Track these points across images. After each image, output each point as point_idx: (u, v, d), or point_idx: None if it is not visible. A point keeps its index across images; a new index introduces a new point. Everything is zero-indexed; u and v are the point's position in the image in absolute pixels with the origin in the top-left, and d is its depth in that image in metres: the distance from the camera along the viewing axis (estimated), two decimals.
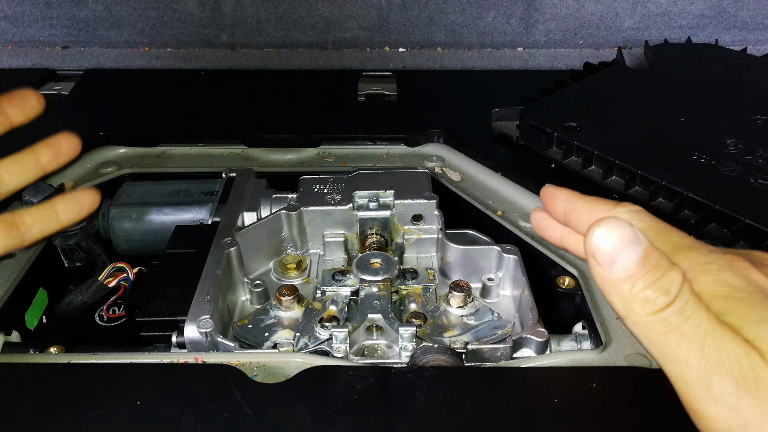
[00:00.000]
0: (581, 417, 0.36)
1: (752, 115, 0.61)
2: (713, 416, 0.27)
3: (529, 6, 0.86)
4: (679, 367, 0.27)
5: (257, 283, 0.49)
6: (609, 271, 0.28)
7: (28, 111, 0.48)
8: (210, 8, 0.86)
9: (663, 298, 0.27)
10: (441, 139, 0.66)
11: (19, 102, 0.48)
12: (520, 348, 0.44)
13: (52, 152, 0.48)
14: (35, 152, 0.48)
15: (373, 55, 0.89)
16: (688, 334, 0.27)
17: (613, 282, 0.28)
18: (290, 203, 0.54)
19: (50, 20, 0.87)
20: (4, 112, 0.47)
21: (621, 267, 0.28)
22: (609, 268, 0.28)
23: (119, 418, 0.36)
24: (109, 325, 0.52)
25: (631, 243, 0.27)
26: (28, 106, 0.48)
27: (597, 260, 0.28)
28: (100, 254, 0.55)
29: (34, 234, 0.47)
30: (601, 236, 0.28)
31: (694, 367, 0.27)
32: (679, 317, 0.27)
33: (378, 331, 0.45)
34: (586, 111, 0.63)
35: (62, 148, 0.49)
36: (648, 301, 0.27)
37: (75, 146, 0.50)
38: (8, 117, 0.47)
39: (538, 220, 0.40)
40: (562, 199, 0.36)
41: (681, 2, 0.87)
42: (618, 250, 0.27)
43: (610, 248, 0.27)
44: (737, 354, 0.27)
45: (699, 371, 0.27)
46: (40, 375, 0.40)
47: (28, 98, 0.48)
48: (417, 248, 0.54)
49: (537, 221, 0.40)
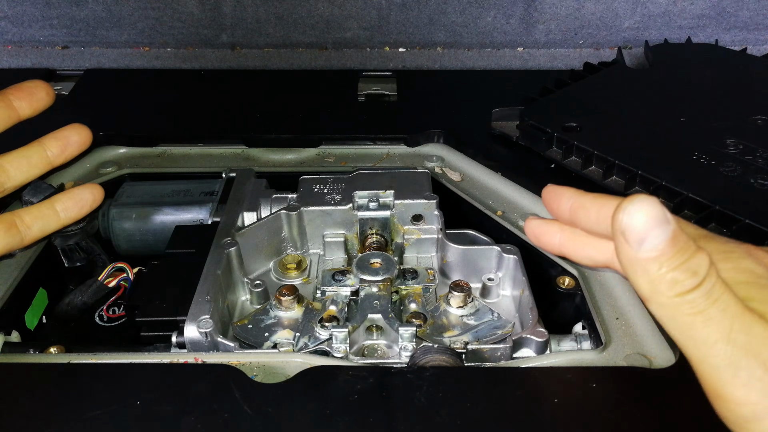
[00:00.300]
0: (581, 417, 0.36)
1: (752, 115, 0.61)
2: (740, 400, 0.27)
3: (529, 6, 0.86)
4: (705, 351, 0.27)
5: (257, 283, 0.49)
6: (638, 249, 0.27)
7: (37, 103, 0.47)
8: (210, 8, 0.86)
9: (691, 279, 0.27)
10: (441, 139, 0.66)
11: (28, 94, 0.47)
12: (520, 348, 0.44)
13: (60, 145, 0.47)
14: (42, 145, 0.47)
15: (373, 55, 0.89)
16: (716, 317, 0.27)
17: (641, 261, 0.28)
18: (290, 203, 0.54)
19: (50, 20, 0.87)
20: (11, 104, 0.46)
21: (650, 246, 0.27)
22: (638, 246, 0.27)
23: (119, 418, 0.36)
24: (109, 325, 0.52)
25: (661, 222, 0.27)
26: (37, 98, 0.47)
27: (626, 238, 0.28)
28: (100, 254, 0.55)
29: (34, 233, 0.46)
30: (632, 213, 0.27)
31: (721, 351, 0.27)
32: (706, 300, 0.27)
33: (378, 331, 0.45)
34: (586, 111, 0.63)
35: (71, 140, 0.48)
36: (676, 282, 0.27)
37: (85, 138, 0.48)
38: (15, 109, 0.46)
39: (534, 228, 0.39)
40: (567, 197, 0.36)
41: (681, 2, 0.87)
42: (648, 229, 0.27)
43: (641, 226, 0.27)
44: (765, 338, 0.26)
45: (726, 354, 0.27)
46: (40, 375, 0.40)
47: (37, 90, 0.47)
48: (417, 248, 0.54)
49: (533, 228, 0.39)
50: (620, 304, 0.46)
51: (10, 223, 0.44)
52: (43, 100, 0.47)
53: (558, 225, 0.39)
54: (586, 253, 0.37)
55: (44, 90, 0.47)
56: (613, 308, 0.45)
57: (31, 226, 0.46)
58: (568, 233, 0.38)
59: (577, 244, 0.37)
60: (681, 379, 0.38)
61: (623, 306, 0.45)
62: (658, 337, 0.42)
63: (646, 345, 0.42)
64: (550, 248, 0.39)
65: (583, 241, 0.37)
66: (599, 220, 0.34)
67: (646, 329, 0.43)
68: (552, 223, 0.39)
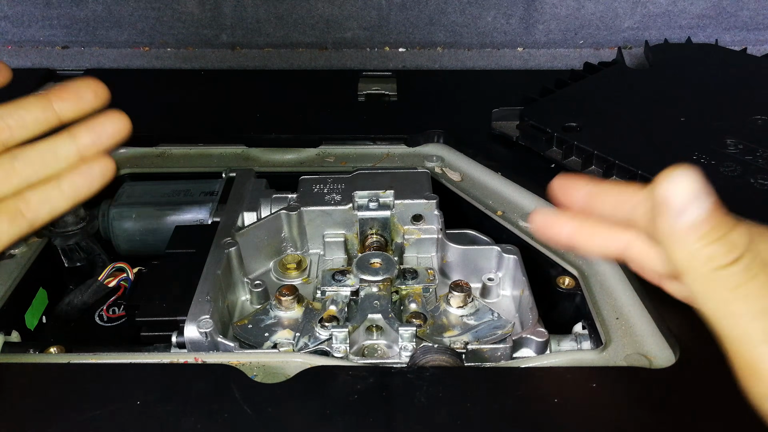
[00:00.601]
0: (581, 417, 0.36)
1: (752, 115, 0.61)
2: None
3: (529, 6, 0.86)
4: (741, 326, 0.27)
5: (257, 283, 0.49)
6: (678, 220, 0.27)
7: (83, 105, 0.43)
8: (210, 8, 0.86)
9: (730, 254, 0.27)
10: (441, 139, 0.66)
11: (73, 95, 0.42)
12: (520, 348, 0.44)
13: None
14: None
15: (373, 55, 0.89)
16: (754, 292, 0.27)
17: (681, 233, 0.27)
18: (290, 203, 0.54)
19: (50, 20, 0.87)
20: (50, 106, 0.42)
21: (691, 216, 0.27)
22: (679, 216, 0.27)
23: (119, 418, 0.36)
24: (109, 325, 0.52)
25: (702, 194, 0.27)
26: (84, 100, 0.42)
27: (667, 208, 0.28)
28: (100, 254, 0.55)
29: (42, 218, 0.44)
30: (675, 183, 0.27)
31: (759, 325, 0.27)
32: (745, 274, 0.27)
33: (378, 331, 0.45)
34: (586, 111, 0.63)
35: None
36: (714, 255, 0.27)
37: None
38: (55, 112, 0.42)
39: (543, 219, 0.38)
40: (582, 183, 0.35)
41: (681, 2, 0.87)
42: (690, 199, 0.27)
43: (683, 196, 0.27)
44: None
45: (763, 329, 0.27)
46: (40, 375, 0.40)
47: (84, 91, 0.42)
48: (417, 248, 0.54)
49: (541, 220, 0.38)
50: (620, 304, 0.46)
51: (15, 212, 0.43)
52: (91, 102, 0.43)
53: (567, 215, 0.38)
54: (598, 242, 0.37)
55: (92, 90, 0.43)
56: (613, 308, 0.45)
57: (39, 210, 0.42)
58: (578, 223, 0.38)
59: (589, 233, 0.37)
60: (681, 379, 0.38)
61: (623, 306, 0.45)
62: (658, 337, 0.42)
63: (646, 345, 0.42)
64: (558, 240, 0.38)
65: (595, 231, 0.37)
66: (618, 205, 0.34)
67: (646, 329, 0.43)
68: (562, 214, 0.38)
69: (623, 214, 0.34)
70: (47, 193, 0.43)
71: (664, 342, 0.42)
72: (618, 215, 0.34)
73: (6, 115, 0.43)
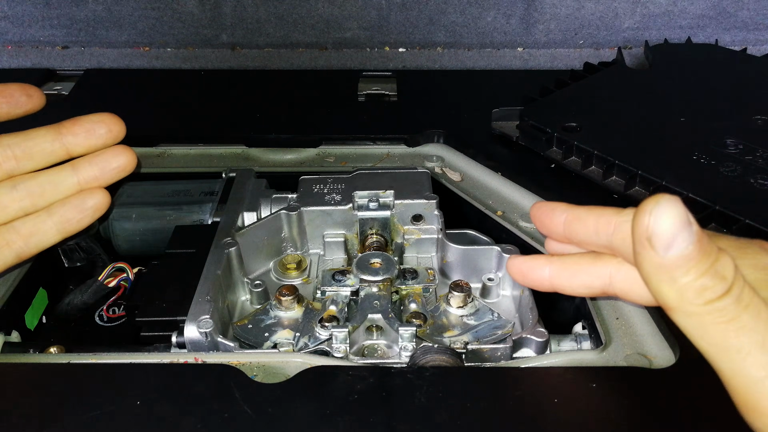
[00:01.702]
0: (581, 417, 0.36)
1: (752, 115, 0.61)
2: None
3: (529, 6, 0.86)
4: (738, 361, 0.25)
5: (257, 283, 0.49)
6: (665, 255, 0.25)
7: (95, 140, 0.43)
8: (210, 8, 0.86)
9: (720, 285, 0.25)
10: (441, 139, 0.66)
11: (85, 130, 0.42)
12: (520, 348, 0.44)
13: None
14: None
15: (373, 55, 0.89)
16: (748, 324, 0.25)
17: (668, 268, 0.26)
18: (290, 203, 0.54)
19: (50, 20, 0.87)
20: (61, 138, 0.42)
21: (678, 250, 0.25)
22: (665, 251, 0.25)
23: (119, 418, 0.36)
24: (109, 325, 0.52)
25: (686, 224, 0.25)
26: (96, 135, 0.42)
27: (652, 243, 0.25)
28: (100, 254, 0.55)
29: (30, 250, 0.42)
30: (658, 216, 0.25)
31: (756, 360, 0.25)
32: (737, 306, 0.25)
33: (378, 331, 0.45)
34: (586, 111, 0.63)
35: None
36: (705, 288, 0.25)
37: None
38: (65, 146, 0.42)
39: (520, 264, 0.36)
40: (561, 210, 0.34)
41: (681, 2, 0.87)
42: (676, 232, 0.25)
43: (668, 229, 0.25)
44: None
45: (763, 364, 0.25)
46: (40, 375, 0.40)
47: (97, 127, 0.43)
48: (417, 248, 0.54)
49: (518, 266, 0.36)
50: (620, 304, 0.46)
51: (3, 243, 0.41)
52: (103, 138, 0.43)
53: (545, 257, 0.36)
54: (580, 281, 0.35)
55: (106, 126, 0.42)
56: (613, 308, 0.45)
57: (28, 241, 0.42)
58: (557, 264, 0.35)
59: (570, 273, 0.35)
60: (681, 379, 0.38)
61: (623, 306, 0.45)
62: (658, 337, 0.42)
63: (646, 345, 0.42)
64: (539, 284, 0.36)
65: (576, 269, 0.35)
66: (598, 230, 0.32)
67: (646, 329, 0.43)
68: (537, 257, 0.37)
69: (604, 239, 0.32)
70: (38, 225, 0.42)
71: (664, 342, 0.42)
72: (599, 241, 0.32)
73: (14, 144, 0.42)
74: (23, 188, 0.42)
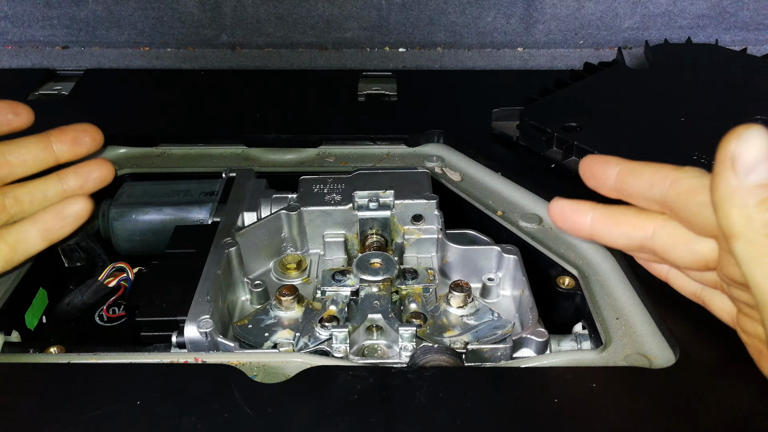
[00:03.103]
0: (581, 417, 0.36)
1: (752, 115, 0.61)
2: None
3: (529, 6, 0.86)
4: None
5: (257, 283, 0.49)
6: (743, 178, 0.27)
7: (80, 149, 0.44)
8: (210, 8, 0.86)
9: None
10: (441, 139, 0.66)
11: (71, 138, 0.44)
12: (520, 348, 0.44)
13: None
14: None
15: (373, 55, 0.89)
16: None
17: (743, 192, 0.27)
18: (290, 203, 0.54)
19: (50, 20, 0.87)
20: (50, 147, 0.44)
21: (758, 177, 0.26)
22: (744, 175, 0.27)
23: (119, 418, 0.36)
24: (109, 325, 0.52)
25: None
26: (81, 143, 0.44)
27: (734, 164, 0.27)
28: (100, 254, 0.55)
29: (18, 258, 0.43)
30: (747, 140, 0.26)
31: None
32: None
33: (378, 331, 0.45)
34: (586, 111, 0.63)
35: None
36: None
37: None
38: (54, 153, 0.44)
39: (564, 207, 0.36)
40: (615, 162, 0.34)
41: (681, 2, 0.87)
42: (759, 160, 0.26)
43: (754, 154, 0.26)
44: None
45: None
46: (40, 375, 0.40)
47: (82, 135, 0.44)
48: (417, 248, 0.54)
49: (561, 208, 0.36)
50: (620, 304, 0.46)
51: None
52: (87, 146, 0.44)
53: (589, 203, 0.36)
54: (621, 231, 0.35)
55: (90, 136, 0.44)
56: (613, 308, 0.45)
57: (16, 249, 0.42)
58: (600, 211, 0.36)
59: (612, 222, 0.35)
60: (681, 379, 0.38)
61: (623, 306, 0.45)
62: (658, 337, 0.42)
63: (646, 345, 0.42)
64: (578, 228, 0.36)
65: (619, 219, 0.35)
66: (653, 183, 0.32)
67: (646, 329, 0.43)
68: (582, 202, 0.37)
69: (658, 193, 0.32)
70: (22, 234, 0.43)
71: (664, 342, 0.42)
72: (652, 194, 0.33)
73: (8, 152, 0.43)
74: (14, 196, 0.44)
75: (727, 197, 0.28)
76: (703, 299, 0.40)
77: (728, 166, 0.27)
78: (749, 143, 0.27)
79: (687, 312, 0.42)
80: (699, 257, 0.34)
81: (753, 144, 0.26)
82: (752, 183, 0.27)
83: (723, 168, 0.27)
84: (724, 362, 0.39)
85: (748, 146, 0.27)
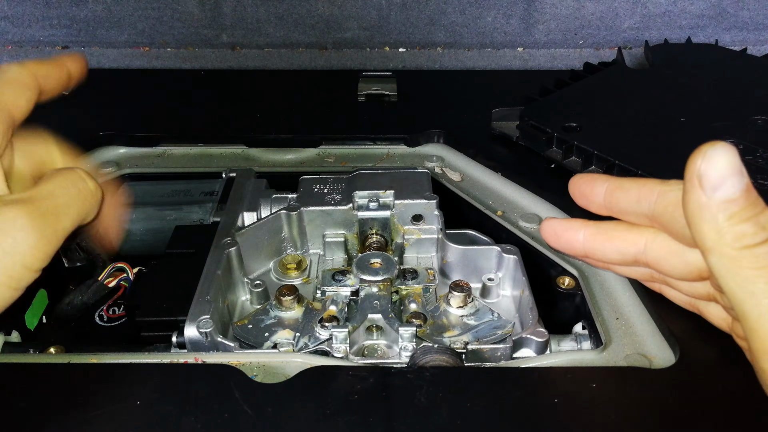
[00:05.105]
0: (581, 417, 0.36)
1: (752, 115, 0.61)
2: None
3: (529, 6, 0.86)
4: (764, 305, 0.27)
5: (257, 283, 0.49)
6: (711, 194, 0.27)
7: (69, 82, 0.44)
8: (210, 8, 0.86)
9: (760, 234, 0.27)
10: (441, 139, 0.66)
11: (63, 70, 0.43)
12: (520, 348, 0.44)
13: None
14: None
15: (373, 55, 0.89)
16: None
17: (712, 208, 0.27)
18: (290, 203, 0.54)
19: (50, 20, 0.87)
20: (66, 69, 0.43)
21: (725, 193, 0.27)
22: (711, 191, 0.27)
23: (119, 418, 0.36)
24: (109, 325, 0.52)
25: (738, 172, 0.27)
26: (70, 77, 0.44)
27: (701, 182, 0.27)
28: (100, 254, 0.55)
29: None
30: (712, 157, 0.27)
31: None
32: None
33: (378, 331, 0.45)
34: (586, 111, 0.63)
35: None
36: (744, 234, 0.27)
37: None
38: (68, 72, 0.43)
39: (555, 226, 0.37)
40: (602, 180, 0.35)
41: (681, 2, 0.87)
42: (726, 176, 0.27)
43: (719, 171, 0.27)
44: None
45: None
46: (40, 375, 0.40)
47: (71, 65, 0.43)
48: (417, 248, 0.54)
49: (553, 227, 0.37)
50: (620, 304, 0.46)
51: None
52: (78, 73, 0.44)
53: (581, 221, 0.37)
54: (614, 247, 0.36)
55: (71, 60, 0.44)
56: (613, 308, 0.45)
57: None
58: (592, 228, 0.37)
59: (605, 238, 0.36)
60: (681, 379, 0.38)
61: (623, 306, 0.45)
62: (658, 337, 0.42)
63: (646, 345, 0.42)
64: (572, 247, 0.37)
65: (611, 234, 0.36)
66: (640, 198, 0.33)
67: (646, 329, 0.43)
68: (573, 220, 0.38)
69: (646, 207, 0.33)
70: None
71: (664, 342, 0.42)
72: (640, 209, 0.33)
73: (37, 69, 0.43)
74: None
75: (698, 213, 0.28)
76: (698, 308, 0.40)
77: (696, 183, 0.28)
78: (714, 161, 0.27)
79: (687, 312, 0.42)
80: (692, 267, 0.35)
81: (718, 161, 0.27)
82: (720, 199, 0.27)
83: (691, 185, 0.28)
84: (724, 362, 0.39)
85: (714, 163, 0.27)
